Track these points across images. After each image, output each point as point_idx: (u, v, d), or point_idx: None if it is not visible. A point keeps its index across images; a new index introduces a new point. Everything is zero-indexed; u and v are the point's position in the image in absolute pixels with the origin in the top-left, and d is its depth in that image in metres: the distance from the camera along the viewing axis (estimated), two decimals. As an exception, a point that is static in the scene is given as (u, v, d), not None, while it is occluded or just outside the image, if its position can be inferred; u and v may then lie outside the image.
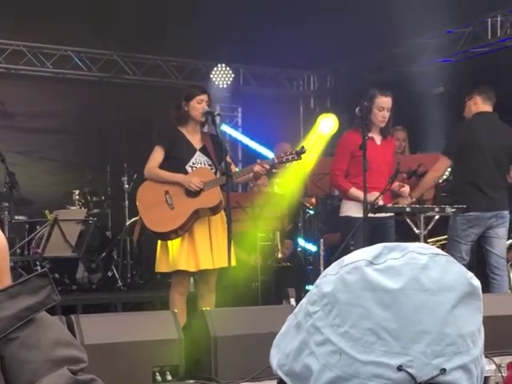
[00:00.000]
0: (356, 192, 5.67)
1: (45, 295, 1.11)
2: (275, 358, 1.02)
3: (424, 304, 0.92)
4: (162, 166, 5.34)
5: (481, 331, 0.97)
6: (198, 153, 5.39)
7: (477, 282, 0.96)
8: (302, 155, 5.44)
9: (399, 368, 0.90)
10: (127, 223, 8.01)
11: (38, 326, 1.08)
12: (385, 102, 5.76)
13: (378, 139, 5.87)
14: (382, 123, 5.79)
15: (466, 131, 5.91)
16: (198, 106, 5.32)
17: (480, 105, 5.90)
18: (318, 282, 0.99)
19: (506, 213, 5.89)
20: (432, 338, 0.91)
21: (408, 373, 0.90)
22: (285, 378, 1.00)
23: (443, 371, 0.91)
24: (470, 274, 0.97)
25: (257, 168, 5.31)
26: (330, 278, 0.97)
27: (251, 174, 5.43)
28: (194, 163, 5.36)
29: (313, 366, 0.95)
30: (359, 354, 0.92)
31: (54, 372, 1.03)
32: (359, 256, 0.96)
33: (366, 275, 0.93)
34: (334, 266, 0.98)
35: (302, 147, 5.51)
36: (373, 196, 5.52)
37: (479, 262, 6.15)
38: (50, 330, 1.08)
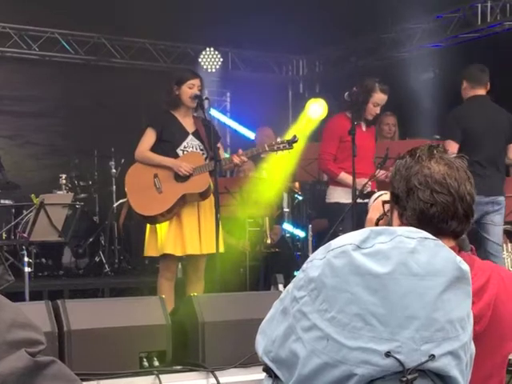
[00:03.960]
0: (345, 177, 5.67)
1: None
2: (261, 344, 1.00)
3: (412, 289, 0.90)
4: (154, 149, 5.30)
5: (470, 316, 0.95)
6: (190, 136, 5.36)
7: (466, 267, 0.95)
8: (294, 144, 5.41)
9: (387, 354, 0.89)
10: (114, 205, 7.97)
11: None
12: (382, 98, 5.79)
13: (363, 126, 5.91)
14: (371, 117, 5.85)
15: (464, 116, 5.88)
16: (189, 90, 5.27)
17: (470, 88, 5.87)
18: (304, 266, 0.97)
19: (502, 199, 5.88)
20: (421, 324, 0.89)
21: (396, 359, 0.88)
22: (271, 365, 0.98)
23: (432, 357, 0.90)
24: (459, 259, 0.95)
25: (236, 160, 5.27)
26: (316, 263, 0.95)
27: (233, 164, 5.41)
28: (185, 147, 5.33)
29: (299, 352, 0.93)
30: (346, 339, 0.90)
31: (12, 355, 1.00)
32: (346, 240, 0.94)
33: (354, 259, 0.91)
34: (321, 250, 0.96)
35: (294, 136, 5.47)
36: (362, 182, 5.52)
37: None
38: (4, 312, 1.05)
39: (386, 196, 1.93)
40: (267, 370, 1.00)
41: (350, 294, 0.90)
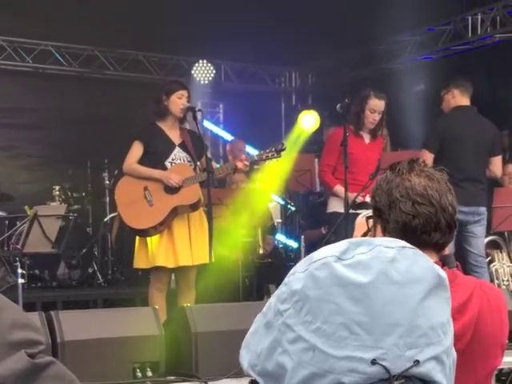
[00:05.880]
0: (340, 189, 5.71)
1: None
2: (245, 358, 1.02)
3: (394, 297, 0.92)
4: (141, 162, 5.31)
5: (450, 322, 0.97)
6: (177, 148, 5.38)
7: (444, 274, 0.97)
8: (282, 152, 5.45)
9: (373, 361, 0.90)
10: (105, 219, 7.98)
11: None
12: (377, 104, 5.79)
13: (366, 138, 5.93)
14: (371, 125, 5.84)
15: (446, 126, 5.93)
16: (178, 101, 5.31)
17: (458, 98, 5.93)
18: (286, 279, 0.99)
19: (483, 209, 5.89)
20: (404, 330, 0.91)
21: (382, 366, 0.90)
22: (258, 379, 1.00)
23: (417, 363, 0.91)
24: (437, 266, 0.98)
25: (240, 165, 5.31)
26: (299, 276, 0.97)
27: (225, 173, 5.45)
28: (173, 159, 5.35)
29: (286, 365, 0.95)
30: (332, 349, 0.91)
31: (11, 356, 1.01)
32: (327, 252, 0.96)
33: (335, 271, 0.93)
34: (303, 263, 0.98)
35: (282, 144, 5.51)
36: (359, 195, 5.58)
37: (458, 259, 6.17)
38: (5, 313, 1.06)
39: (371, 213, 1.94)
40: (254, 383, 1.02)
41: (333, 305, 0.92)
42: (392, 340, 0.91)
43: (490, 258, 6.52)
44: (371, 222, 1.91)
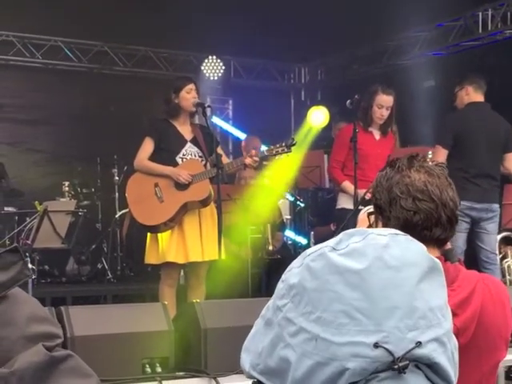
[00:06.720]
0: (348, 185, 5.71)
1: (16, 271, 1.09)
2: (246, 360, 1.03)
3: (390, 281, 0.93)
4: (153, 158, 5.32)
5: (448, 306, 0.98)
6: (188, 144, 5.38)
7: (437, 259, 0.99)
8: (292, 147, 5.44)
9: (376, 345, 0.91)
10: (117, 215, 8.00)
11: (11, 303, 1.06)
12: (385, 100, 5.77)
13: (376, 134, 5.91)
14: (379, 120, 5.82)
15: (460, 121, 5.89)
16: (187, 95, 5.31)
17: (472, 95, 5.89)
18: (283, 277, 1.00)
19: (497, 206, 5.87)
20: (403, 313, 0.92)
21: (385, 348, 0.91)
22: (260, 378, 1.00)
23: (419, 344, 0.92)
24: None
25: (248, 161, 5.31)
26: (295, 271, 0.98)
27: (236, 168, 5.44)
28: (184, 154, 5.35)
29: (290, 357, 0.95)
30: (334, 336, 0.92)
31: (29, 349, 1.02)
32: (322, 245, 0.97)
33: (331, 260, 0.95)
34: (299, 258, 1.00)
35: (292, 139, 5.51)
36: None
37: (469, 256, 6.14)
38: (24, 306, 1.07)
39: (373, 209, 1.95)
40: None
41: (332, 293, 0.93)
42: (393, 323, 0.91)
43: (503, 254, 6.49)
44: (373, 217, 1.92)
